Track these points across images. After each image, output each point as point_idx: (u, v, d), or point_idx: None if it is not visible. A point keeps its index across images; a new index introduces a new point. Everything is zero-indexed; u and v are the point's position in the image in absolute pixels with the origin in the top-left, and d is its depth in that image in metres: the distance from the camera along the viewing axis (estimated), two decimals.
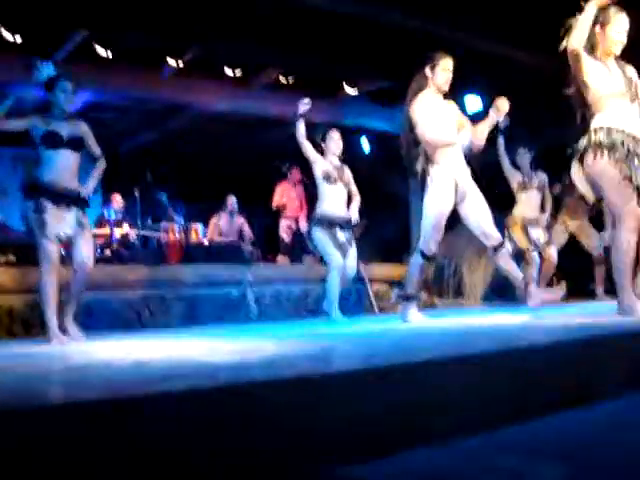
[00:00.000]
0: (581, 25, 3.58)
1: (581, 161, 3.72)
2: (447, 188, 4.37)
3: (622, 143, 3.57)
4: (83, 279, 4.30)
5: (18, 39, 6.75)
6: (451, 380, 1.78)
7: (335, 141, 5.57)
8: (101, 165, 4.56)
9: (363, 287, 6.95)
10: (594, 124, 3.72)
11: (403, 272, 7.98)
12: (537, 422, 1.24)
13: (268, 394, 1.48)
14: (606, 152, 3.58)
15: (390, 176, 8.65)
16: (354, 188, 5.63)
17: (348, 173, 5.63)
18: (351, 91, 8.99)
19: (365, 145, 10.36)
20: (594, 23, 3.65)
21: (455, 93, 5.00)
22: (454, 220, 4.64)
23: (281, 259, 8.34)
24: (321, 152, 5.55)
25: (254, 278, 6.61)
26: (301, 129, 5.26)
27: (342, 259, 5.36)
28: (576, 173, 3.78)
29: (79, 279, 4.29)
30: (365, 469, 0.94)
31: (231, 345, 3.04)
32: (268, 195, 9.16)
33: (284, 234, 8.58)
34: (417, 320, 4.43)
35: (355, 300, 6.88)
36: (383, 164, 9.03)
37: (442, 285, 8.29)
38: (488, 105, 4.75)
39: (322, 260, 5.79)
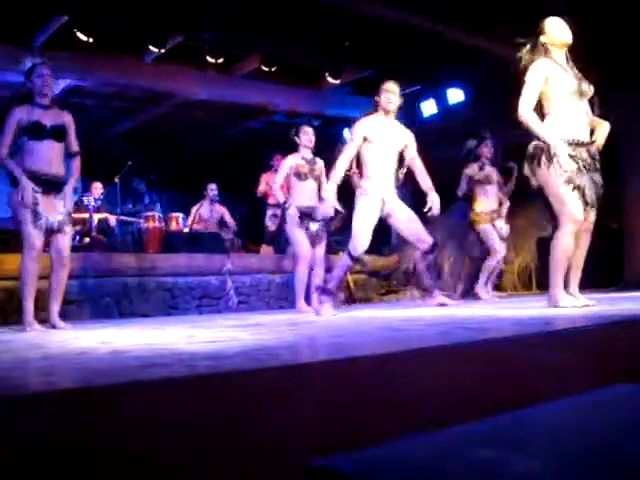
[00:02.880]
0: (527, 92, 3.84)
1: (531, 162, 3.89)
2: (374, 203, 4.69)
3: (569, 153, 3.72)
4: (63, 266, 4.28)
5: None
6: (430, 370, 1.79)
7: (308, 135, 5.73)
8: (76, 163, 4.45)
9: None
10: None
11: (383, 263, 8.07)
12: (513, 414, 1.25)
13: (247, 383, 1.49)
14: (551, 160, 3.73)
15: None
16: (324, 180, 5.71)
17: (321, 166, 5.78)
18: (333, 81, 8.98)
19: (347, 135, 10.37)
20: (537, 36, 3.95)
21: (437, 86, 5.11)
22: (432, 215, 4.82)
23: (265, 249, 8.32)
24: (295, 147, 5.73)
25: (234, 267, 6.60)
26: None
27: (310, 250, 5.55)
28: (527, 170, 3.96)
29: (58, 269, 4.27)
30: (341, 460, 0.95)
31: (210, 334, 3.04)
32: (251, 184, 9.13)
33: (269, 223, 8.55)
34: (329, 316, 4.52)
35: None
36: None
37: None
38: (469, 97, 4.85)
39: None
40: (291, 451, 1.41)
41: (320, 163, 5.79)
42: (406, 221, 4.83)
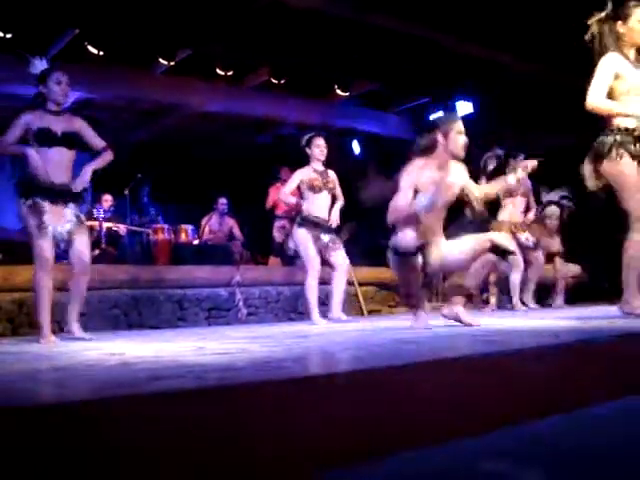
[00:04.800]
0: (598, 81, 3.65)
1: (598, 158, 3.71)
2: None
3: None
4: (83, 275, 4.20)
5: (8, 37, 6.71)
6: (438, 383, 1.78)
7: (321, 148, 5.64)
8: (107, 156, 4.38)
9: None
10: (617, 122, 3.70)
11: (392, 275, 8.04)
12: (525, 427, 1.24)
13: (257, 395, 1.48)
14: (624, 152, 3.60)
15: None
16: (339, 192, 5.74)
17: (333, 177, 5.73)
18: (342, 93, 8.99)
19: (356, 147, 10.39)
20: (615, 19, 3.73)
21: (446, 98, 5.09)
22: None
23: (273, 261, 8.32)
24: (305, 158, 5.68)
25: (243, 279, 6.60)
26: None
27: (318, 263, 5.50)
28: (587, 167, 3.78)
29: (79, 276, 4.19)
30: (352, 473, 0.94)
31: (220, 346, 3.03)
32: (260, 196, 9.14)
33: (277, 234, 8.54)
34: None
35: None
36: (374, 166, 9.04)
37: (431, 289, 8.30)
38: (478, 109, 4.79)
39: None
40: (301, 464, 1.40)
41: (332, 175, 5.73)
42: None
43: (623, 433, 1.17)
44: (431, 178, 3.88)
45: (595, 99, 3.63)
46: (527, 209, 6.85)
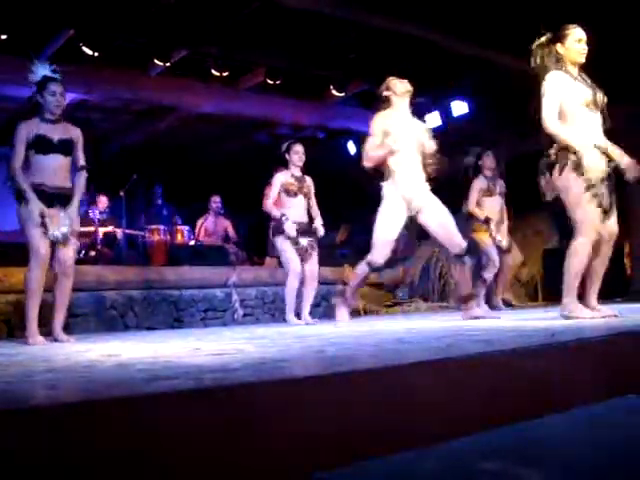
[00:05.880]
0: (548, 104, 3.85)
1: (549, 171, 3.89)
2: (397, 206, 4.78)
3: (588, 159, 3.73)
4: (67, 277, 4.28)
5: (3, 38, 6.70)
6: (435, 382, 1.78)
7: (299, 154, 5.79)
8: (82, 179, 4.43)
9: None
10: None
11: (389, 275, 8.06)
12: (521, 426, 1.25)
13: (253, 396, 1.48)
14: (571, 166, 3.76)
15: (376, 179, 8.68)
16: (314, 202, 5.87)
17: (309, 184, 5.86)
18: (338, 94, 8.99)
19: (351, 148, 10.39)
20: (554, 42, 3.98)
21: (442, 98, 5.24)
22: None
23: (269, 262, 8.32)
24: (285, 164, 5.82)
25: (239, 280, 6.60)
26: None
27: (300, 265, 5.60)
28: (542, 178, 3.96)
29: (62, 278, 4.27)
30: (346, 474, 0.94)
31: (216, 347, 3.03)
32: (255, 196, 9.13)
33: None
34: (345, 322, 4.84)
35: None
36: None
37: (427, 288, 8.33)
38: (474, 109, 4.96)
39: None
40: (297, 465, 1.40)
41: (309, 181, 5.86)
42: (437, 222, 4.83)
43: (620, 432, 1.17)
44: (395, 124, 4.88)
45: (554, 124, 3.82)
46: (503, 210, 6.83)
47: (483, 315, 4.81)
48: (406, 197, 4.79)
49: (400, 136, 4.84)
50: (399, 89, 5.01)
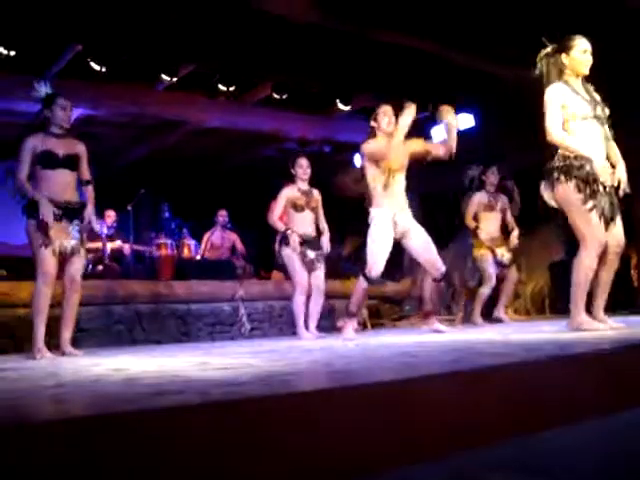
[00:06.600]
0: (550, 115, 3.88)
1: (550, 182, 3.90)
2: (386, 228, 4.84)
3: (588, 170, 3.74)
4: (75, 292, 4.30)
5: (12, 54, 6.74)
6: (440, 397, 1.77)
7: (304, 168, 5.83)
8: (91, 191, 4.51)
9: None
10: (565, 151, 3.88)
11: (395, 288, 8.05)
12: (525, 439, 1.24)
13: (261, 410, 1.48)
14: (571, 178, 3.77)
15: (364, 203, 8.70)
16: (322, 215, 5.91)
17: (317, 197, 5.89)
18: (344, 108, 9.01)
19: (358, 161, 10.39)
20: (559, 52, 3.98)
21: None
22: (449, 239, 4.86)
23: (276, 275, 8.32)
24: (291, 178, 5.84)
25: (246, 294, 6.60)
26: None
27: (306, 278, 5.64)
28: (544, 191, 3.96)
29: (71, 293, 4.29)
30: None
31: (223, 361, 3.03)
32: (262, 210, 9.14)
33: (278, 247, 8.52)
34: (351, 337, 4.80)
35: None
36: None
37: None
38: (480, 122, 4.97)
39: (287, 277, 6.03)
40: (304, 479, 1.40)
41: (316, 194, 5.88)
42: (420, 246, 4.93)
43: (630, 445, 1.17)
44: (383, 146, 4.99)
45: (558, 134, 3.84)
46: (505, 225, 6.81)
47: (443, 330, 4.99)
48: (393, 220, 4.87)
49: (392, 161, 4.93)
50: (384, 124, 5.12)
